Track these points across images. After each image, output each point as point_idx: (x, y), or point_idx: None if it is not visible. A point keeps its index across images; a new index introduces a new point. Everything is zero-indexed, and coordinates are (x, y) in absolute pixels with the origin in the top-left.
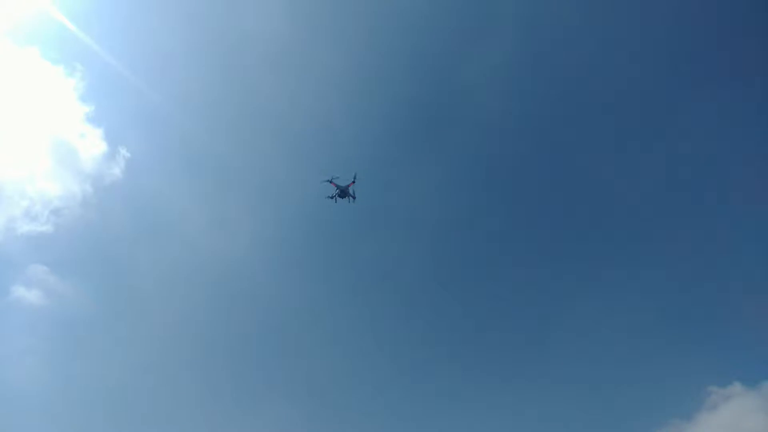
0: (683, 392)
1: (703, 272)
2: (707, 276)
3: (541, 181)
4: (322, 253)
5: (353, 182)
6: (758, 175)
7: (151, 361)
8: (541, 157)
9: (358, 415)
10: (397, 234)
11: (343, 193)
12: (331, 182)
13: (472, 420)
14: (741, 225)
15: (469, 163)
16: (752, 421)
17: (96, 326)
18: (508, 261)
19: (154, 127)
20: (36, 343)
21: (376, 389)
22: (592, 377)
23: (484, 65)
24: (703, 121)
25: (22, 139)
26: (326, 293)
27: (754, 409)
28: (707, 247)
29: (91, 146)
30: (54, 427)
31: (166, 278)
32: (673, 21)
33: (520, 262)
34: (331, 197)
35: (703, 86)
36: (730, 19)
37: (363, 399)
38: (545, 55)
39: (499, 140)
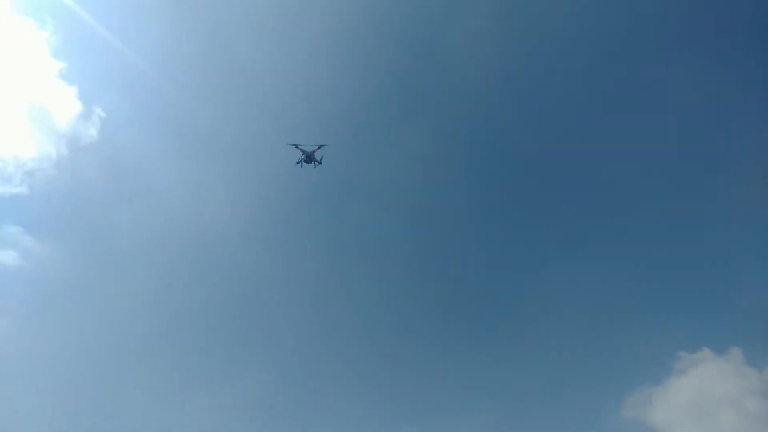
0: (653, 358)
1: (674, 236)
2: (678, 240)
3: (523, 153)
4: (301, 219)
5: (318, 148)
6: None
7: (127, 322)
8: (528, 127)
9: (332, 387)
10: (381, 203)
11: (309, 158)
12: (297, 147)
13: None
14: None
15: (453, 133)
16: (720, 385)
17: (72, 287)
18: (483, 226)
19: (129, 86)
20: (11, 304)
21: (356, 362)
22: (559, 343)
23: (471, 30)
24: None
25: None
26: (305, 260)
27: (723, 374)
28: (678, 212)
29: (66, 105)
30: (30, 390)
31: (143, 240)
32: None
33: (493, 225)
34: (297, 162)
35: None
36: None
37: (341, 372)
38: (536, 21)
39: (484, 108)
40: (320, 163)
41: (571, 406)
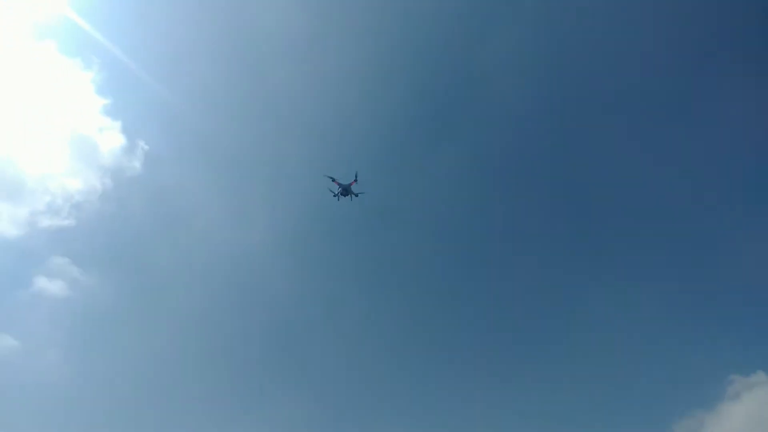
0: (704, 382)
1: (724, 261)
2: (729, 265)
3: (552, 176)
4: (334, 246)
5: (355, 181)
6: None
7: (169, 351)
8: (552, 150)
9: (363, 408)
10: (408, 228)
11: (345, 191)
12: (333, 180)
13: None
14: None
15: (478, 157)
16: None
17: (116, 316)
18: (518, 254)
19: (169, 120)
20: (58, 332)
21: (381, 382)
22: (614, 369)
23: (494, 56)
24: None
25: (42, 134)
26: (337, 287)
27: None
28: (728, 236)
29: (110, 139)
30: (74, 415)
31: (183, 270)
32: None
33: (532, 256)
34: (334, 195)
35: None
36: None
37: (369, 392)
38: (557, 45)
39: (508, 133)
40: (356, 195)
41: (619, 430)
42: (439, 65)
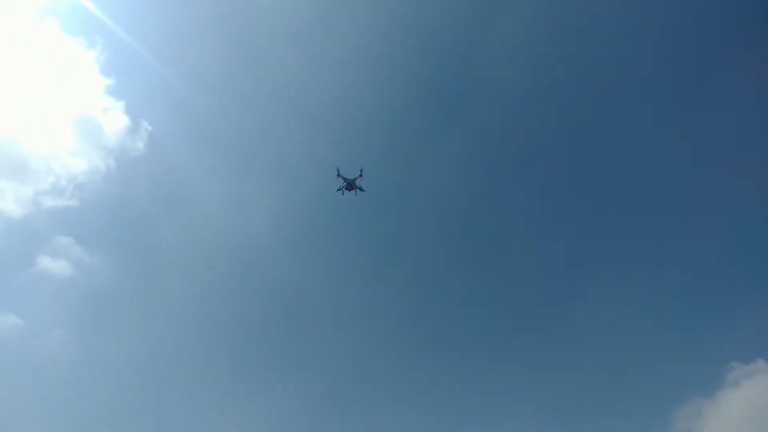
0: (704, 369)
1: (726, 249)
2: (730, 253)
3: (554, 165)
4: (336, 233)
5: (360, 176)
6: None
7: (172, 330)
8: (555, 139)
9: (361, 396)
10: (409, 217)
11: (350, 185)
12: (338, 175)
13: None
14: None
15: (481, 146)
16: None
17: (119, 296)
18: (520, 242)
19: (173, 101)
20: (61, 311)
21: (381, 371)
22: (615, 357)
23: (498, 43)
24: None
25: (46, 114)
26: (339, 274)
27: None
28: (730, 225)
29: (114, 120)
30: (79, 394)
31: (186, 251)
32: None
33: (534, 243)
34: (339, 189)
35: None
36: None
37: (368, 381)
38: (561, 33)
39: (511, 122)
40: (362, 190)
41: (620, 418)
42: (442, 52)
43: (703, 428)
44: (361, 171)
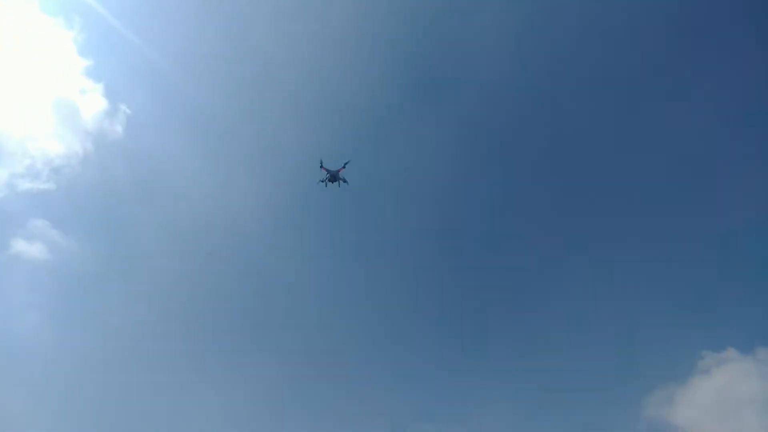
0: (676, 357)
1: (700, 236)
2: (704, 240)
3: (545, 142)
4: (320, 217)
5: (344, 167)
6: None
7: (150, 316)
8: (543, 119)
9: (347, 380)
10: (397, 199)
11: (334, 177)
12: (321, 167)
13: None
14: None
15: (468, 128)
16: (745, 385)
17: (96, 279)
18: (504, 223)
19: (154, 83)
20: (39, 296)
21: (368, 358)
22: (582, 342)
23: (483, 22)
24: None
25: (22, 95)
26: (321, 257)
27: (748, 374)
28: (703, 211)
29: (92, 102)
30: (54, 381)
31: (166, 236)
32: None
33: (516, 231)
34: (322, 181)
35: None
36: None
37: (354, 366)
38: (551, 16)
39: (498, 105)
40: (345, 182)
41: (591, 404)
42: (426, 37)
43: (674, 414)
44: (345, 164)
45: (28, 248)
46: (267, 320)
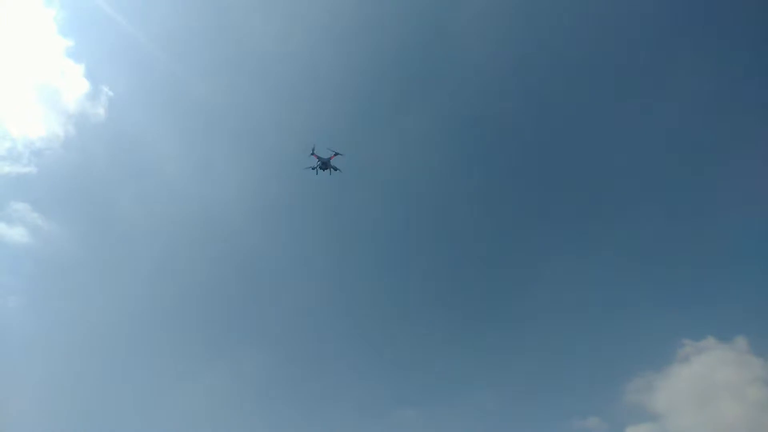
0: (656, 345)
1: (683, 225)
2: (686, 229)
3: (531, 134)
4: (304, 202)
5: (335, 154)
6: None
7: (132, 300)
8: (531, 109)
9: (330, 368)
10: (383, 181)
11: (325, 165)
12: (313, 154)
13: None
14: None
15: (455, 116)
16: (723, 373)
17: (78, 263)
18: (488, 217)
19: (137, 64)
20: (20, 280)
21: (351, 346)
22: (564, 330)
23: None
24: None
25: (1, 76)
26: (309, 242)
27: (726, 362)
28: (685, 201)
29: (74, 84)
30: (34, 365)
31: (148, 219)
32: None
33: (498, 216)
34: (312, 168)
35: None
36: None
37: (336, 354)
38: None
39: (485, 93)
40: (337, 169)
41: (573, 390)
42: (413, 24)
43: (654, 402)
44: (336, 153)
45: (8, 231)
46: (251, 306)
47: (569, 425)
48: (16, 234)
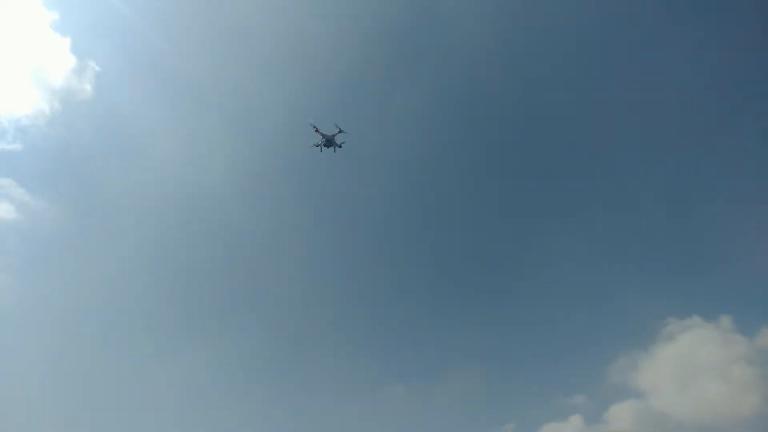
0: (641, 324)
1: (667, 206)
2: (671, 208)
3: (524, 115)
4: (294, 181)
5: (339, 131)
6: None
7: (120, 275)
8: (524, 89)
9: (324, 346)
10: (376, 164)
11: (329, 142)
12: (316, 130)
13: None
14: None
15: (448, 95)
16: (708, 351)
17: (65, 240)
18: (477, 194)
19: (124, 38)
20: (7, 257)
21: (342, 323)
22: (548, 308)
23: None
24: None
25: None
26: (295, 222)
27: (711, 341)
28: (667, 176)
29: (59, 59)
30: (19, 340)
31: (136, 195)
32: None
33: (488, 195)
34: (317, 146)
35: None
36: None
37: (327, 331)
38: None
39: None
40: (340, 147)
41: (559, 368)
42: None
43: (638, 380)
44: (340, 129)
45: None
46: (239, 284)
47: (555, 402)
48: (2, 210)
